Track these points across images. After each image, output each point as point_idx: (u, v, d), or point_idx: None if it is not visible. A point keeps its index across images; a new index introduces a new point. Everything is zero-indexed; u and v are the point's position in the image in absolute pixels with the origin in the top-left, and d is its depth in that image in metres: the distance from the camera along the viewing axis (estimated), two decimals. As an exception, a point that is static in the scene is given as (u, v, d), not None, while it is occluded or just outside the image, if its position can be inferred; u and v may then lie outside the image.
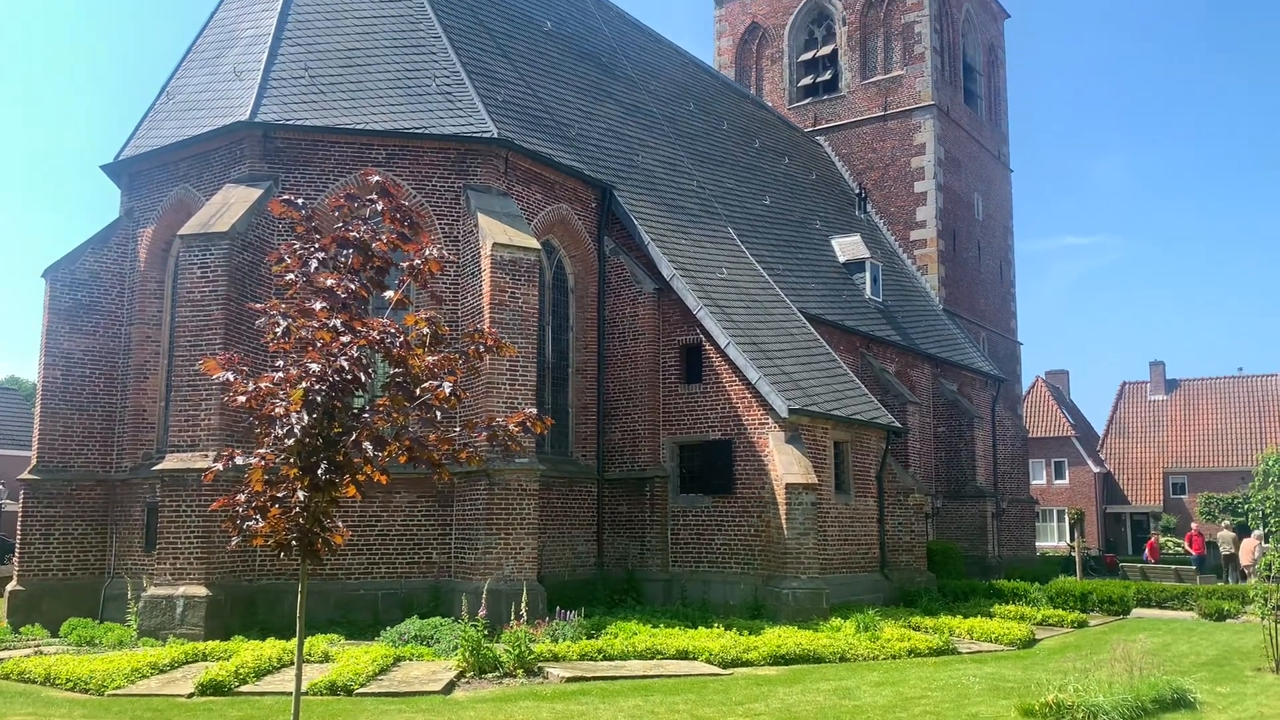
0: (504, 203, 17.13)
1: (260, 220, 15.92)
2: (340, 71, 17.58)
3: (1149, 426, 59.18)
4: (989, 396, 33.21)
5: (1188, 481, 56.08)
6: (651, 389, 19.09)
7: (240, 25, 18.72)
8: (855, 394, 20.77)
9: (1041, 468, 55.18)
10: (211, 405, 14.76)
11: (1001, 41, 41.92)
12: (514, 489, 15.41)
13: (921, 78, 35.27)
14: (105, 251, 18.02)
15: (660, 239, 19.85)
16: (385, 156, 16.90)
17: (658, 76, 27.72)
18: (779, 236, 26.44)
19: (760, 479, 17.86)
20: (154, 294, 17.85)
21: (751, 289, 21.52)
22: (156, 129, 18.35)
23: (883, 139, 35.73)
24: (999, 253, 39.50)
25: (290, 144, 16.65)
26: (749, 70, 38.57)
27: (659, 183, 22.47)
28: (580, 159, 19.74)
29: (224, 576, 14.73)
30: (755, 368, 18.04)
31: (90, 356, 17.58)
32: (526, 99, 19.71)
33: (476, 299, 16.23)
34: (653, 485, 18.73)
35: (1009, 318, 39.96)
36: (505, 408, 15.25)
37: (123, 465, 17.39)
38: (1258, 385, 58.80)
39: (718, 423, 18.57)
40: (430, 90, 17.57)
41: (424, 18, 18.58)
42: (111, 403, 17.63)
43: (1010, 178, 41.29)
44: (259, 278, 15.63)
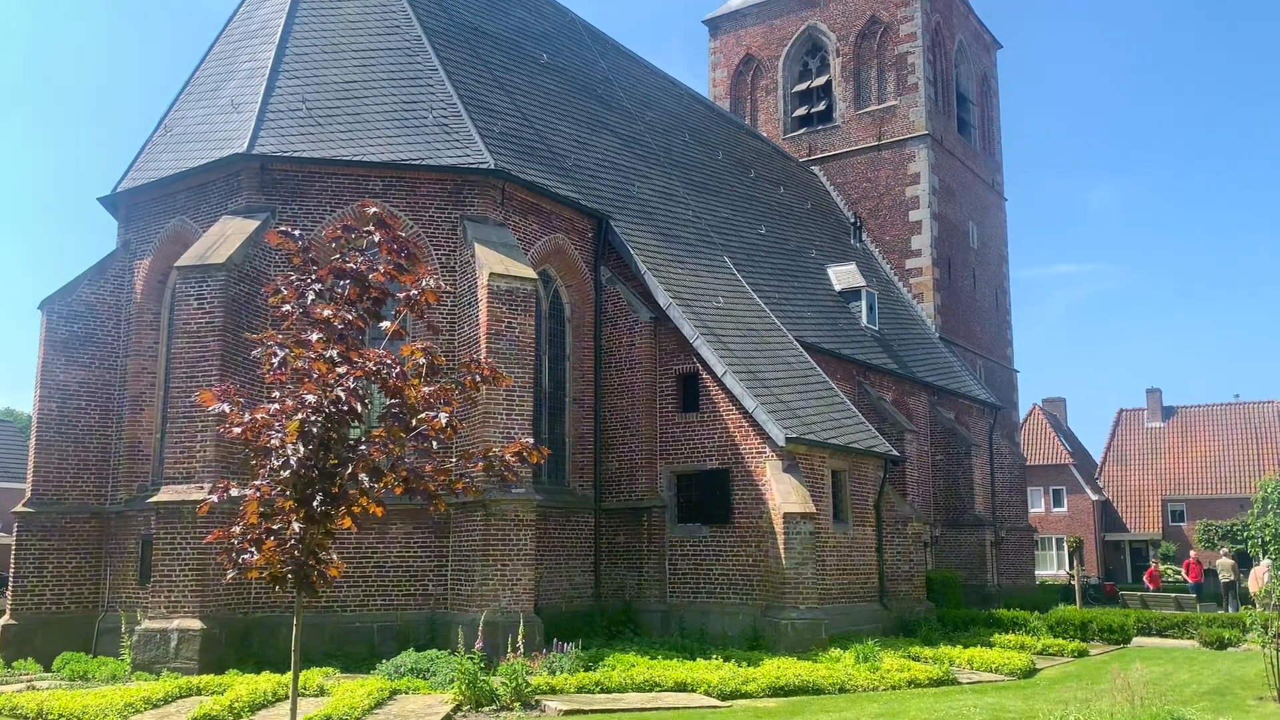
0: (500, 233, 17.18)
1: (257, 252, 15.95)
2: (338, 104, 17.68)
3: (1147, 454, 59.13)
4: (986, 424, 33.18)
5: (1186, 509, 55.96)
6: (648, 418, 19.06)
7: (238, 58, 18.84)
8: (852, 422, 20.75)
9: (1040, 496, 55.04)
10: (207, 437, 14.71)
11: (994, 71, 42.28)
12: (511, 520, 15.34)
13: (915, 108, 35.53)
14: (102, 283, 18.03)
15: (656, 268, 19.90)
16: (382, 188, 16.97)
17: (653, 107, 27.90)
18: (775, 265, 26.51)
19: (758, 508, 17.80)
20: (150, 325, 17.84)
21: (748, 318, 21.55)
22: (154, 161, 18.42)
23: (877, 168, 35.94)
24: (994, 281, 39.62)
25: (287, 175, 16.72)
26: (744, 101, 38.83)
27: (655, 212, 22.55)
28: (576, 189, 19.83)
29: (219, 609, 14.62)
30: (752, 396, 18.03)
31: (86, 388, 17.54)
32: (523, 130, 19.83)
33: (473, 329, 16.24)
34: (650, 515, 18.65)
35: (1005, 346, 40.02)
36: (502, 438, 15.21)
37: (117, 498, 17.31)
38: (1254, 412, 58.83)
39: (715, 452, 18.53)
40: (427, 122, 17.66)
41: (421, 51, 18.71)
42: (107, 435, 17.57)
43: (1005, 206, 41.50)
44: (255, 309, 15.63)
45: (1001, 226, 41.05)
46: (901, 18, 36.18)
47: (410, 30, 18.97)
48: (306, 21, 18.80)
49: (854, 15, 37.00)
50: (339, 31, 18.81)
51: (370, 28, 19.00)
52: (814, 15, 37.74)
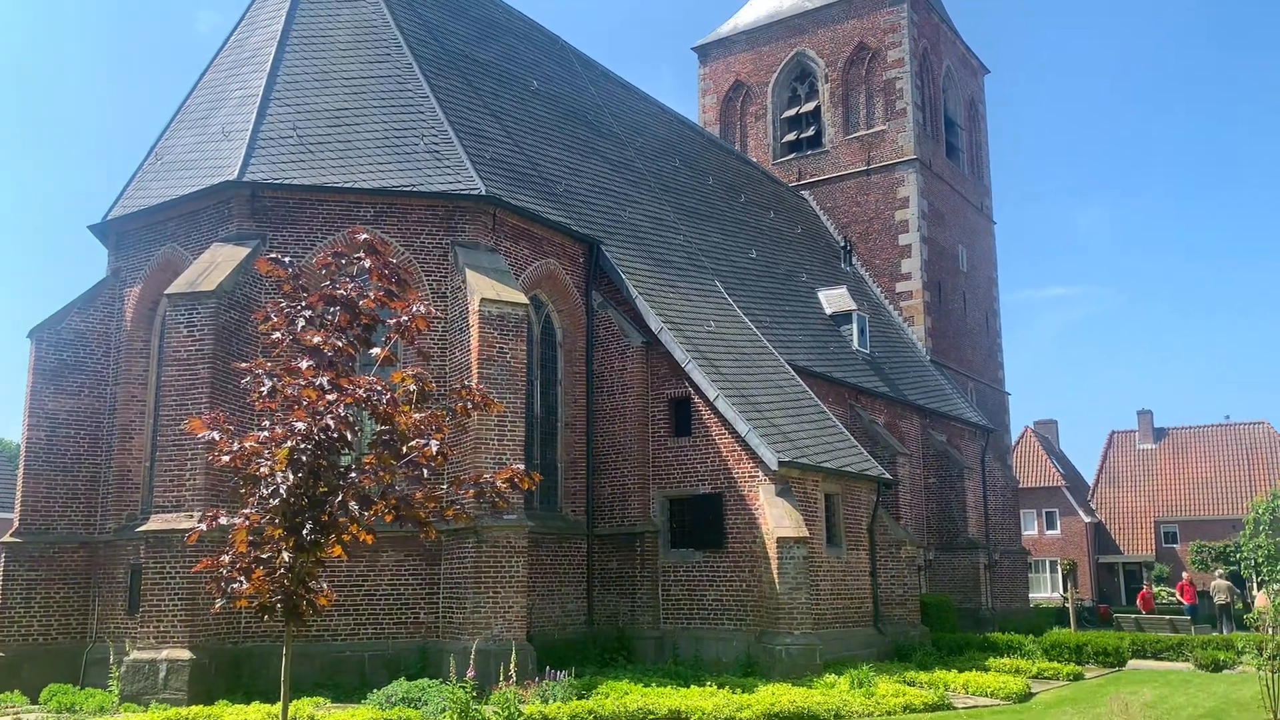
0: (492, 258, 17.20)
1: (248, 279, 15.92)
2: (329, 131, 17.72)
3: (1139, 475, 59.20)
4: (978, 447, 33.20)
5: (1179, 530, 55.96)
6: (641, 442, 19.02)
7: (229, 86, 18.89)
8: (845, 446, 20.74)
9: (1033, 518, 55.01)
10: (197, 465, 14.62)
11: (982, 96, 42.63)
12: (502, 546, 15.26)
13: (904, 132, 35.78)
14: (91, 311, 17.97)
15: (648, 293, 19.93)
16: (373, 214, 16.98)
17: (643, 133, 28.04)
18: (766, 289, 26.58)
19: (751, 533, 17.74)
20: (140, 353, 17.77)
21: (739, 342, 21.57)
22: (144, 189, 18.42)
23: (867, 193, 36.13)
24: (984, 304, 39.77)
25: (278, 203, 16.73)
26: (734, 127, 39.07)
27: (646, 237, 22.61)
28: (568, 215, 19.88)
29: (208, 639, 14.48)
30: (744, 420, 18.02)
31: (75, 417, 17.45)
32: (514, 156, 19.89)
33: (465, 355, 16.21)
34: (643, 540, 18.57)
35: (996, 368, 40.11)
36: (493, 464, 15.15)
37: (106, 527, 17.18)
38: (1245, 433, 58.99)
39: (708, 476, 18.48)
40: (418, 149, 17.71)
41: (412, 78, 18.79)
42: (96, 464, 17.46)
43: (994, 229, 41.74)
44: (246, 336, 15.59)
45: (991, 250, 41.25)
46: (889, 44, 36.50)
47: (401, 58, 19.06)
48: (298, 49, 18.87)
49: (842, 42, 37.31)
50: (330, 59, 18.89)
51: (362, 56, 19.09)
52: (802, 42, 38.05)
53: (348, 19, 19.63)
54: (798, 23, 38.17)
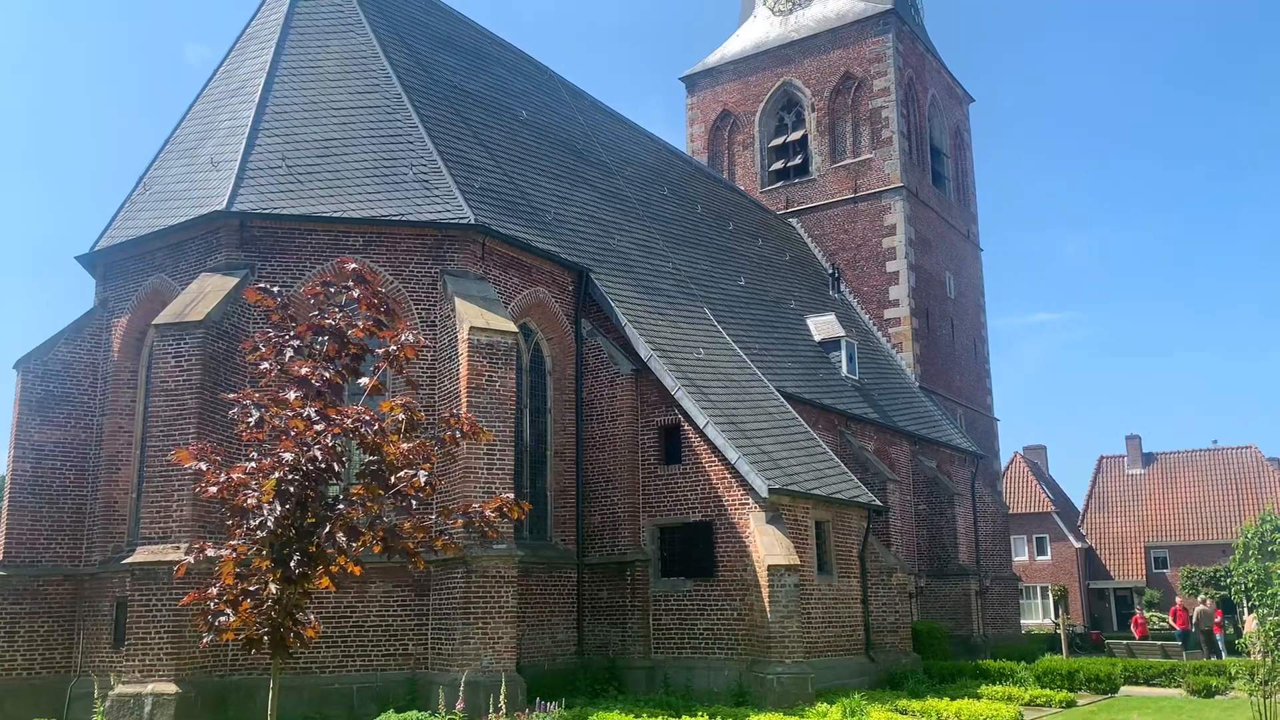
0: (481, 287, 17.21)
1: (236, 309, 15.89)
2: (318, 161, 17.76)
3: (1128, 500, 59.29)
4: (968, 473, 33.22)
5: (1169, 555, 56.00)
6: (631, 471, 18.98)
7: (218, 117, 18.94)
8: (835, 473, 20.72)
9: (1023, 544, 54.99)
10: (184, 496, 14.51)
11: (967, 125, 43.01)
12: (492, 576, 15.16)
13: (890, 161, 36.04)
14: (78, 342, 17.89)
15: (637, 320, 19.96)
16: (362, 243, 16.99)
17: (632, 162, 28.18)
18: (755, 316, 26.64)
19: (742, 561, 17.68)
20: (127, 384, 17.69)
21: (729, 368, 21.59)
22: (132, 219, 18.41)
23: (854, 220, 36.33)
24: (972, 330, 39.93)
25: (267, 232, 16.73)
26: (721, 155, 39.30)
27: (635, 265, 22.67)
28: (557, 243, 19.93)
29: (194, 672, 14.32)
30: (734, 447, 18.00)
31: (61, 449, 17.33)
32: (503, 185, 19.96)
33: (453, 383, 16.18)
34: (633, 569, 18.48)
35: (985, 394, 40.21)
36: (483, 493, 15.08)
37: (92, 559, 17.02)
38: (1233, 457, 59.20)
39: (698, 504, 18.44)
40: (407, 178, 17.76)
41: (401, 108, 18.87)
42: (82, 495, 17.32)
43: (980, 256, 41.97)
44: (234, 366, 15.53)
45: (978, 276, 41.47)
46: (875, 73, 36.83)
47: (390, 88, 19.15)
48: (287, 80, 18.94)
49: (828, 71, 37.64)
50: (319, 90, 18.96)
51: (351, 86, 19.17)
52: (789, 72, 38.37)
53: (337, 50, 19.74)
54: (784, 53, 38.51)
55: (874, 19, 36.97)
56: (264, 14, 20.66)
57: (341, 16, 20.31)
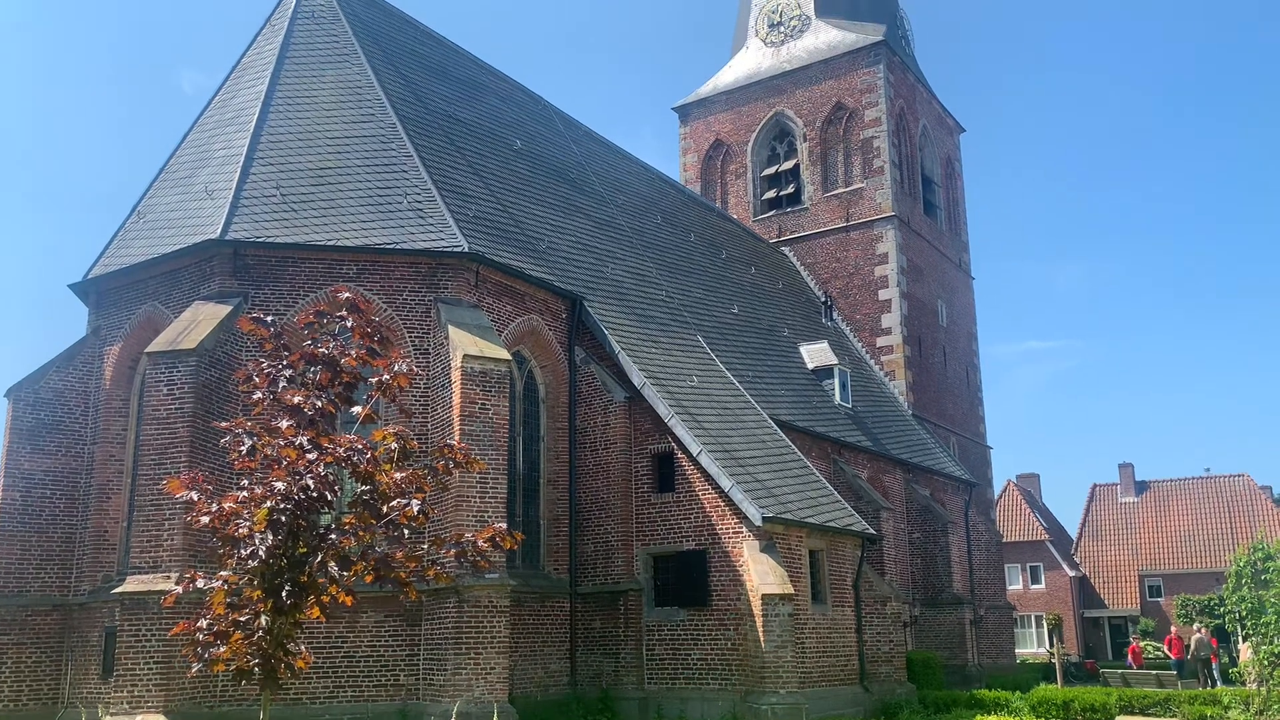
0: (475, 315, 17.23)
1: (229, 337, 15.88)
2: (312, 190, 17.81)
3: (1121, 529, 59.25)
4: (962, 501, 33.18)
5: (1163, 584, 55.91)
6: (624, 499, 18.92)
7: (213, 146, 19.00)
8: (829, 501, 20.69)
9: (1017, 573, 54.87)
10: (175, 525, 14.44)
11: (958, 154, 43.33)
12: (484, 606, 15.08)
13: (882, 190, 36.25)
14: (70, 370, 17.85)
15: (630, 348, 19.97)
16: (356, 271, 17.02)
17: (625, 191, 28.31)
18: (748, 344, 26.68)
19: (736, 590, 17.60)
20: (119, 412, 17.63)
21: (722, 396, 21.60)
22: (126, 248, 18.42)
23: (846, 249, 36.49)
24: (964, 358, 40.02)
25: (260, 260, 16.75)
26: (714, 184, 39.51)
27: (628, 293, 22.72)
28: (550, 271, 19.98)
29: (183, 704, 14.18)
30: (728, 475, 17.97)
31: (51, 477, 17.24)
32: (497, 214, 20.03)
33: (447, 411, 16.16)
34: (626, 599, 18.39)
35: (978, 422, 40.25)
36: (475, 522, 15.02)
37: (81, 589, 16.89)
38: (1226, 485, 59.25)
39: (691, 532, 18.38)
40: (402, 207, 17.82)
41: (395, 137, 18.96)
42: (72, 524, 17.21)
43: (972, 285, 42.16)
44: (227, 394, 15.49)
45: (970, 305, 41.63)
46: (866, 104, 37.13)
47: (385, 118, 19.25)
48: (282, 109, 19.04)
49: (820, 102, 37.94)
50: (315, 119, 19.06)
51: (345, 116, 19.27)
52: (781, 102, 38.66)
53: (332, 80, 19.85)
54: (776, 84, 38.82)
55: (865, 50, 37.32)
56: (260, 44, 20.80)
57: (337, 47, 20.45)
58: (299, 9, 20.89)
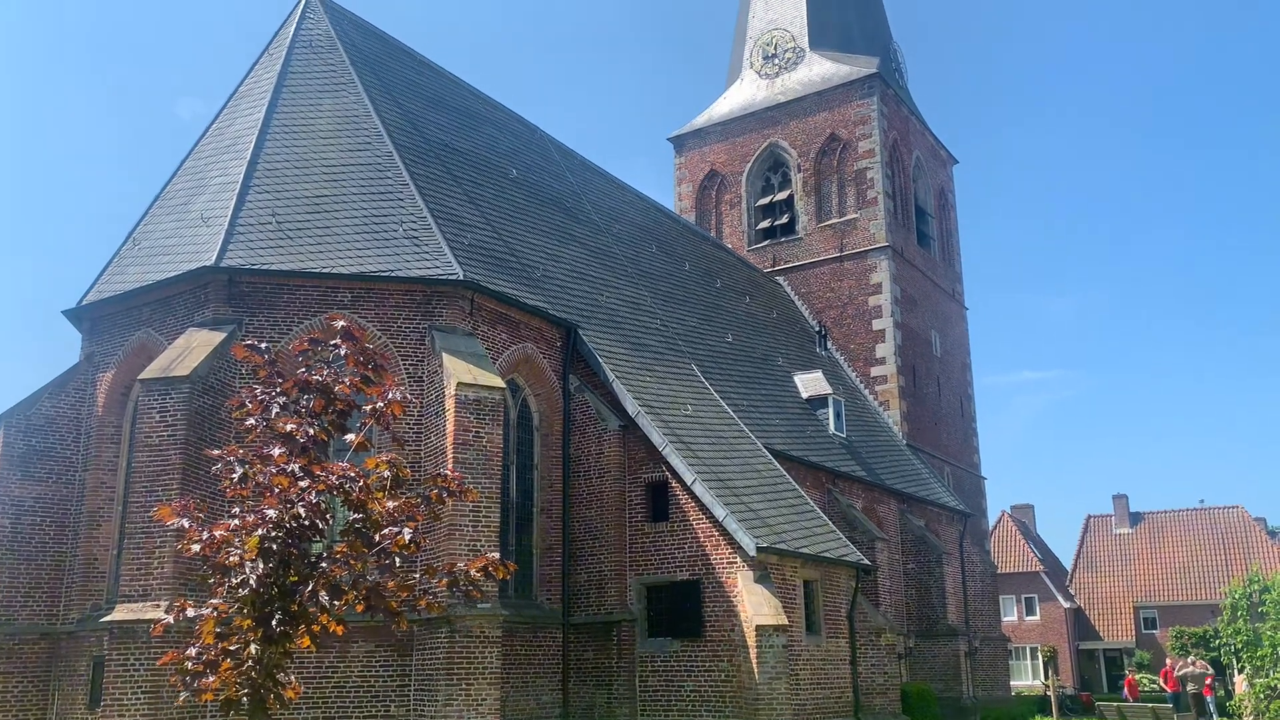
0: (469, 342, 17.22)
1: (222, 364, 15.85)
2: (308, 217, 17.85)
3: (1116, 560, 59.13)
4: (956, 532, 33.10)
5: (1158, 616, 55.73)
6: (618, 528, 18.84)
7: (209, 174, 19.06)
8: (823, 531, 20.62)
9: (1012, 604, 54.69)
10: (165, 553, 14.33)
11: (951, 186, 43.59)
12: (476, 636, 14.96)
13: (875, 220, 36.43)
14: (62, 397, 17.78)
15: (625, 376, 19.96)
16: (351, 299, 17.02)
17: (620, 220, 28.41)
18: (742, 373, 26.69)
19: (730, 620, 17.50)
20: (111, 439, 17.55)
21: (716, 425, 21.57)
22: (120, 274, 18.42)
23: (840, 279, 36.61)
24: (959, 388, 40.07)
25: (255, 288, 16.75)
26: (709, 214, 39.68)
27: (623, 321, 22.75)
28: (545, 299, 20.00)
29: (170, 735, 14.01)
30: (722, 505, 17.91)
31: (42, 504, 17.13)
32: (492, 242, 20.08)
33: (440, 439, 16.11)
34: (619, 629, 18.27)
35: (972, 452, 40.24)
36: (468, 551, 14.94)
37: (69, 617, 16.74)
38: (1220, 517, 59.23)
39: (685, 562, 18.29)
40: (397, 235, 17.85)
41: (392, 166, 19.04)
42: (61, 552, 17.09)
43: (966, 315, 42.29)
44: (220, 421, 15.44)
45: (964, 335, 41.74)
46: (860, 135, 37.39)
47: (382, 146, 19.33)
48: (279, 137, 19.11)
49: (814, 133, 38.20)
50: (311, 147, 19.13)
51: (342, 144, 19.35)
52: (775, 133, 38.92)
53: (330, 108, 19.95)
54: (770, 115, 39.09)
55: (859, 83, 37.62)
56: (258, 72, 20.92)
57: (335, 76, 20.57)
58: (297, 38, 21.04)
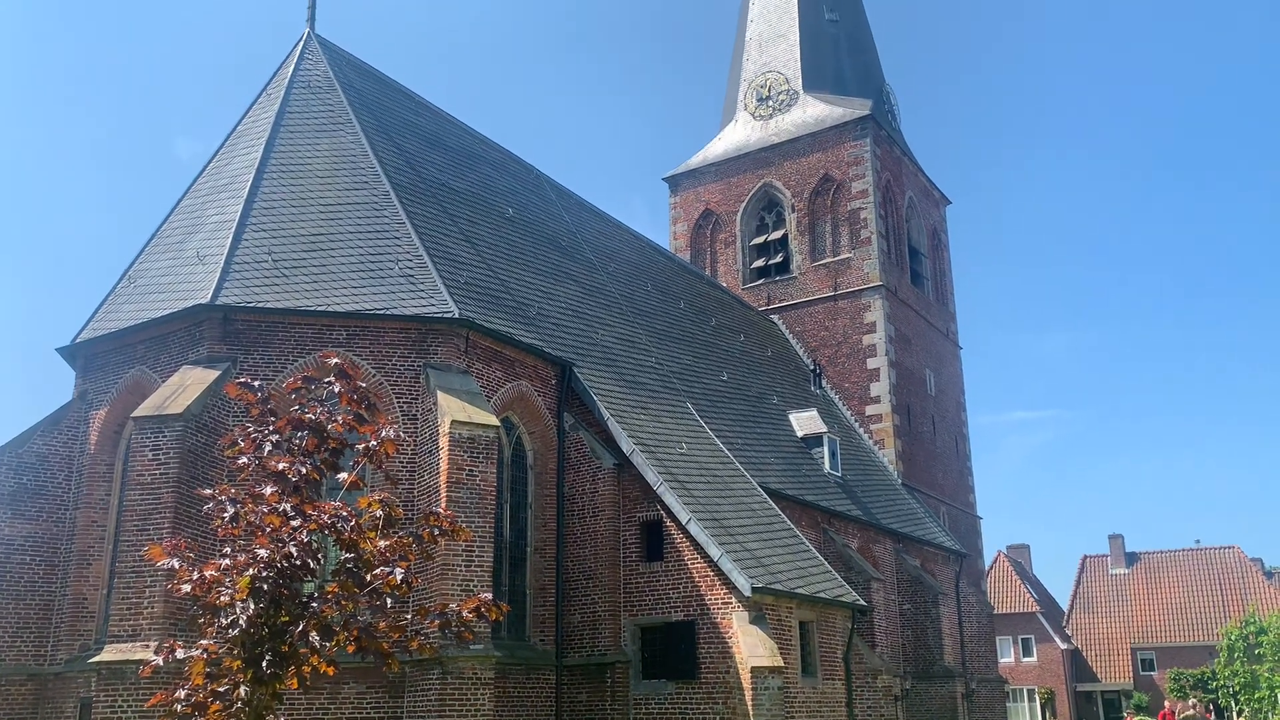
0: (464, 380, 17.21)
1: (216, 402, 15.81)
2: (304, 255, 17.89)
3: (1113, 601, 58.82)
4: (952, 572, 32.93)
5: (1156, 657, 55.33)
6: (612, 568, 18.72)
7: (206, 211, 19.13)
8: (819, 571, 20.51)
9: (1009, 645, 54.28)
10: (155, 593, 14.21)
11: (944, 226, 43.87)
12: (468, 678, 14.81)
13: (869, 260, 36.62)
14: (55, 434, 17.71)
15: (620, 414, 19.94)
16: (346, 337, 17.02)
17: (616, 259, 28.52)
18: (737, 411, 26.67)
19: (725, 662, 17.34)
20: (103, 477, 17.46)
21: (711, 464, 21.51)
22: (115, 312, 18.42)
23: (834, 317, 36.73)
24: (953, 427, 40.06)
25: (250, 325, 16.75)
26: (704, 253, 39.87)
27: (618, 359, 22.76)
28: (540, 337, 20.02)
29: (157, 778, 13.80)
30: (717, 544, 17.82)
31: (31, 543, 16.99)
32: (488, 280, 20.13)
33: (434, 478, 16.04)
34: (613, 671, 18.09)
35: (967, 492, 40.15)
36: (460, 591, 14.83)
37: (57, 658, 16.55)
38: (1216, 557, 59.04)
39: (680, 603, 18.15)
40: (393, 273, 17.90)
41: (389, 205, 19.13)
42: (50, 591, 16.92)
43: (960, 354, 42.40)
44: (212, 460, 15.37)
45: (958, 374, 41.81)
46: (853, 176, 37.70)
47: (378, 186, 19.44)
48: (276, 177, 19.21)
49: (807, 174, 38.50)
50: (308, 186, 19.23)
51: (339, 183, 19.45)
52: (769, 174, 39.23)
53: (327, 148, 20.08)
54: (764, 156, 39.42)
55: (852, 124, 37.98)
56: (256, 112, 21.07)
57: (332, 116, 20.72)
58: (295, 79, 21.22)
